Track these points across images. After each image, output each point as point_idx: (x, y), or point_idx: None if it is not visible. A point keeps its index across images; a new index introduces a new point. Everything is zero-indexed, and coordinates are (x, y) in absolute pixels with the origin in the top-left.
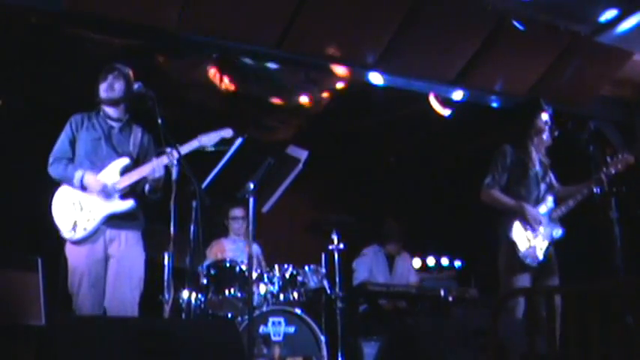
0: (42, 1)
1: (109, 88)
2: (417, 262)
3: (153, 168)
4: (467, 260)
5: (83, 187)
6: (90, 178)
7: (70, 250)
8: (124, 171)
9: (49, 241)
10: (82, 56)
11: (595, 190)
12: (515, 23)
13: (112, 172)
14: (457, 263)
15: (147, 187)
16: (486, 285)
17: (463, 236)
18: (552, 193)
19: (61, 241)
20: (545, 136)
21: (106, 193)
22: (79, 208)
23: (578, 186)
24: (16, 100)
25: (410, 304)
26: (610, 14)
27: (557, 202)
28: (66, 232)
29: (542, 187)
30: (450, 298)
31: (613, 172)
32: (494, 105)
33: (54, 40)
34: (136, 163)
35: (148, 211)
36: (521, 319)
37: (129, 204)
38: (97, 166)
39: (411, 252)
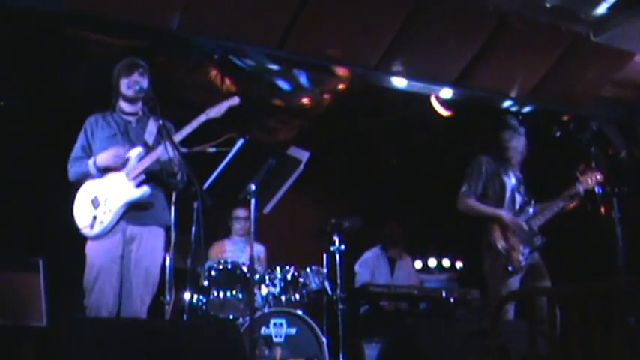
0: (43, 1)
1: (134, 83)
2: (418, 263)
3: (162, 149)
4: (468, 261)
5: (101, 171)
6: (101, 156)
7: (89, 247)
8: (139, 160)
9: (51, 242)
10: (83, 57)
11: (567, 204)
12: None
13: (129, 163)
14: (459, 264)
15: (163, 172)
16: (488, 286)
17: (465, 237)
18: (530, 206)
19: (64, 243)
20: (519, 149)
21: (121, 159)
22: (97, 203)
23: (550, 203)
24: (17, 101)
25: (411, 306)
26: (611, 15)
27: (536, 213)
28: (85, 228)
29: (519, 198)
30: (452, 300)
31: (583, 188)
32: (496, 106)
33: (55, 40)
34: (151, 151)
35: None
36: (521, 321)
37: (144, 190)
38: None
39: (413, 253)
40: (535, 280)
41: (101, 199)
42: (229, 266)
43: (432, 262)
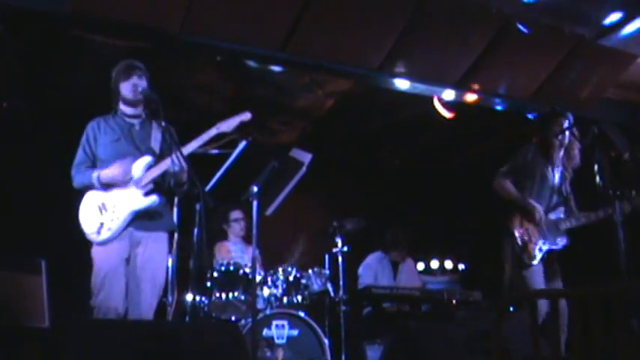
0: (47, 2)
1: (134, 87)
2: (420, 265)
3: (172, 161)
4: (471, 263)
5: (104, 186)
6: (105, 173)
7: (95, 252)
8: (148, 168)
9: (54, 243)
10: (86, 58)
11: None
12: (520, 26)
13: (136, 171)
14: (461, 266)
15: (171, 181)
16: (490, 288)
17: (467, 239)
18: (565, 207)
19: (66, 244)
20: (575, 152)
21: (124, 180)
22: (104, 209)
23: (594, 212)
24: (21, 102)
25: (414, 307)
26: (615, 17)
27: (569, 215)
28: (92, 234)
29: (555, 198)
30: (454, 301)
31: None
32: (499, 108)
33: (59, 41)
34: (160, 159)
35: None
36: (524, 322)
37: (152, 199)
38: None
39: (415, 255)
40: (548, 280)
41: (109, 206)
42: (231, 268)
43: (435, 264)
